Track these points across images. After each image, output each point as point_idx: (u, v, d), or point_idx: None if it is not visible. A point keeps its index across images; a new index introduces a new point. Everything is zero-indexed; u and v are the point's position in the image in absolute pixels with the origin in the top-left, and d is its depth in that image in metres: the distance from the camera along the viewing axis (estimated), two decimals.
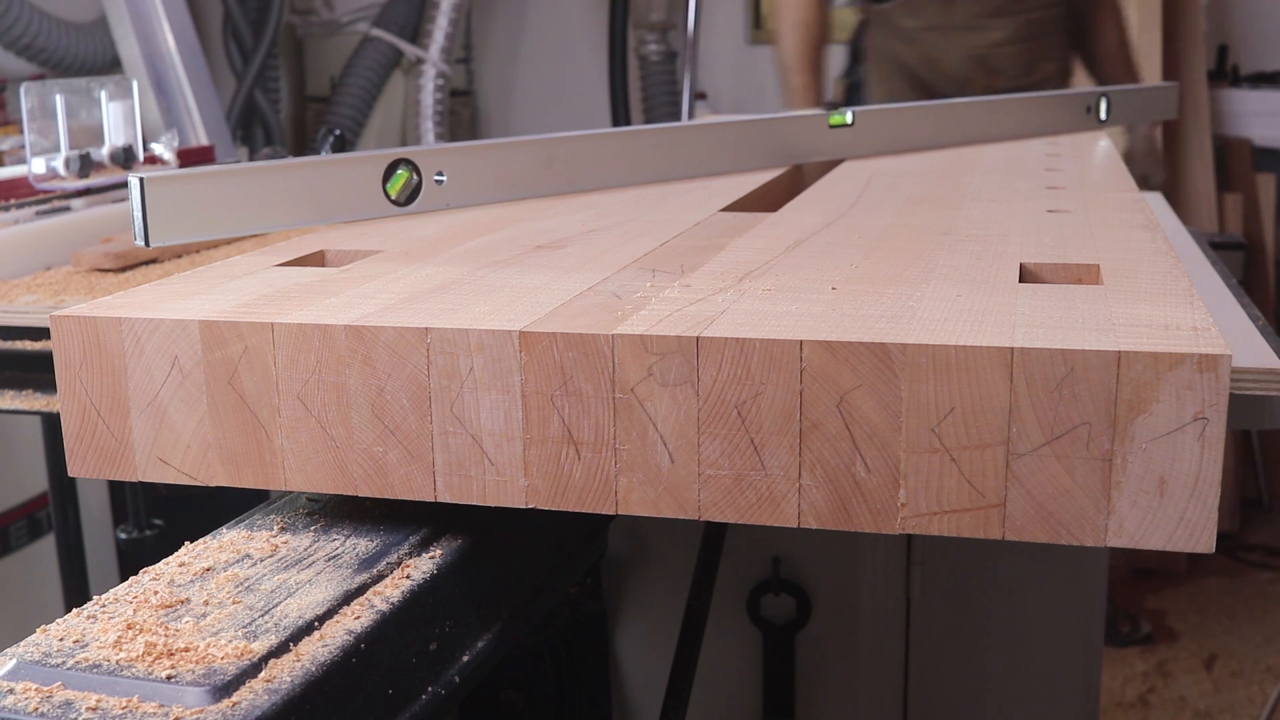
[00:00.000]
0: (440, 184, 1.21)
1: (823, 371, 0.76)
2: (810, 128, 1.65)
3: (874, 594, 1.44)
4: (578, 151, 1.38)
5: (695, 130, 1.55)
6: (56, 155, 1.64)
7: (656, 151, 1.47)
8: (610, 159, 1.41)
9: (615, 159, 1.42)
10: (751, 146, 1.57)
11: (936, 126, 1.79)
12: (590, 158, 1.39)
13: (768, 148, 1.59)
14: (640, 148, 1.46)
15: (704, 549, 1.33)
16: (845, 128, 1.68)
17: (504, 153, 1.30)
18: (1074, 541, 0.75)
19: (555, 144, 1.35)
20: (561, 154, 1.35)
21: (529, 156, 1.32)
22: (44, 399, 1.25)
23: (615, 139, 1.44)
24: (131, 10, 2.49)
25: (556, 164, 1.34)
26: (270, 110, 3.92)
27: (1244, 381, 0.92)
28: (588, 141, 1.40)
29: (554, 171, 1.34)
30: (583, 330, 0.79)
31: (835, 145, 1.67)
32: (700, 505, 0.80)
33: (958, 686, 1.48)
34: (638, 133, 1.50)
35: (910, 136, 1.76)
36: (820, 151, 1.66)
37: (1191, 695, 2.93)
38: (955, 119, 1.82)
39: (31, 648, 0.72)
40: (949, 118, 1.82)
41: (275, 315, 0.85)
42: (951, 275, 0.94)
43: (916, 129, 1.77)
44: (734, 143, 1.55)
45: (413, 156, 1.19)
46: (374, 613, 0.77)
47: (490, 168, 1.28)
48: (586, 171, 1.39)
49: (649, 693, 1.50)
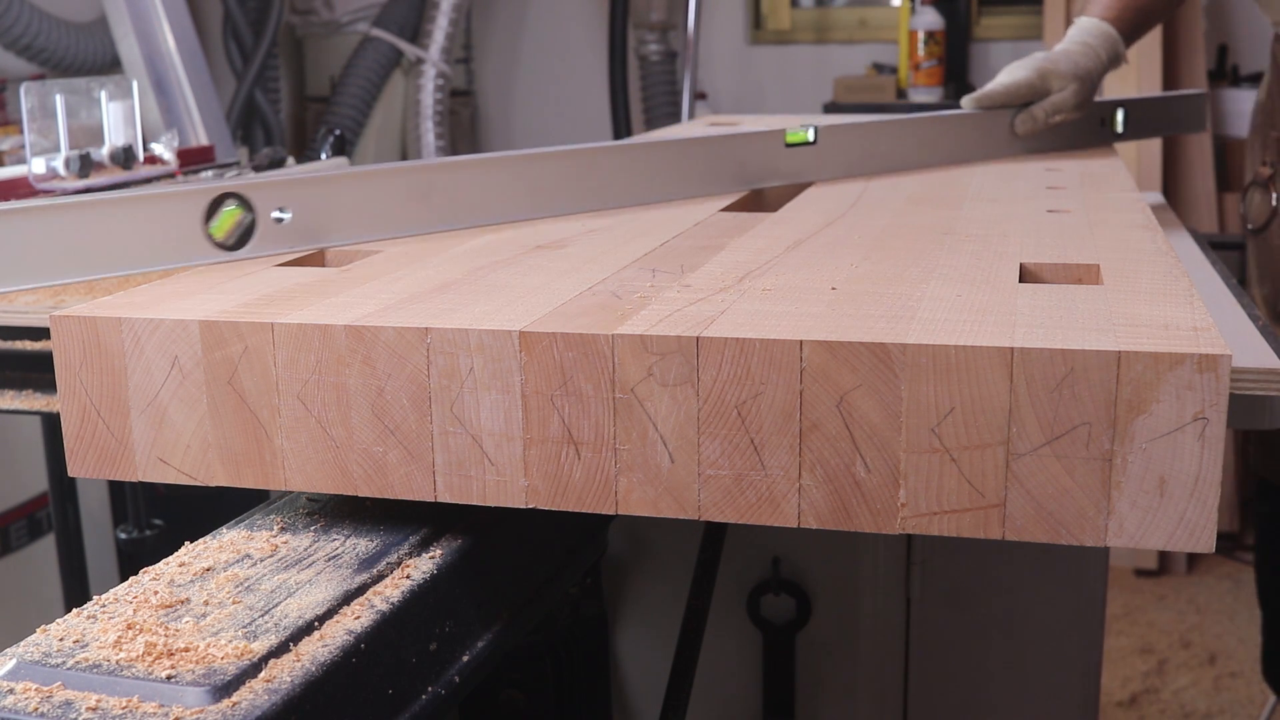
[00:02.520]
0: (281, 223, 1.07)
1: (823, 371, 0.76)
2: (764, 146, 1.44)
3: (874, 594, 1.44)
4: (463, 181, 1.19)
5: (618, 153, 1.32)
6: (56, 155, 1.64)
7: (565, 179, 1.26)
8: (503, 189, 1.22)
9: (510, 189, 1.22)
10: (690, 169, 1.36)
11: (918, 144, 1.61)
12: (478, 188, 1.20)
13: (709, 171, 1.38)
14: (545, 175, 1.25)
15: (704, 549, 1.33)
16: (806, 146, 1.48)
17: (366, 184, 1.13)
18: (1074, 541, 0.75)
19: (435, 172, 1.18)
20: (443, 184, 1.17)
21: (401, 188, 1.15)
22: (44, 399, 1.25)
23: (510, 165, 1.23)
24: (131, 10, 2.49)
25: (436, 196, 1.16)
26: (270, 110, 3.92)
27: (1244, 381, 0.92)
28: (475, 169, 1.20)
29: (432, 205, 1.16)
30: (583, 330, 0.79)
31: (795, 167, 1.47)
32: (700, 505, 0.80)
33: (958, 686, 1.48)
34: (540, 157, 1.26)
35: (888, 155, 1.57)
36: (777, 174, 1.45)
37: (1191, 695, 2.93)
38: (941, 135, 1.64)
39: (31, 648, 0.72)
40: (933, 134, 1.63)
41: (275, 315, 0.85)
42: (951, 275, 0.94)
43: (895, 147, 1.58)
44: (668, 166, 1.34)
45: (244, 191, 1.04)
46: (374, 613, 0.77)
47: (349, 202, 1.11)
48: (475, 205, 1.19)
49: (649, 693, 1.50)
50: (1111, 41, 1.73)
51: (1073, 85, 1.68)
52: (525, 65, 4.87)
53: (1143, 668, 3.05)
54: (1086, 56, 1.70)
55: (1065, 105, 1.67)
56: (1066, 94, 1.67)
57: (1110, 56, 1.73)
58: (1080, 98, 1.68)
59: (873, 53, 4.50)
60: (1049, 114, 1.67)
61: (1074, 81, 1.67)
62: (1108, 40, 1.73)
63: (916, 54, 4.14)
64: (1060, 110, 1.67)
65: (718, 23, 4.59)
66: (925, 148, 1.62)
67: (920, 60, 4.14)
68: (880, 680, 1.47)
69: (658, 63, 4.46)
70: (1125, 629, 3.25)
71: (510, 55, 4.87)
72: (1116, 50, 1.74)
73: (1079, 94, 1.68)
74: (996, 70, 1.77)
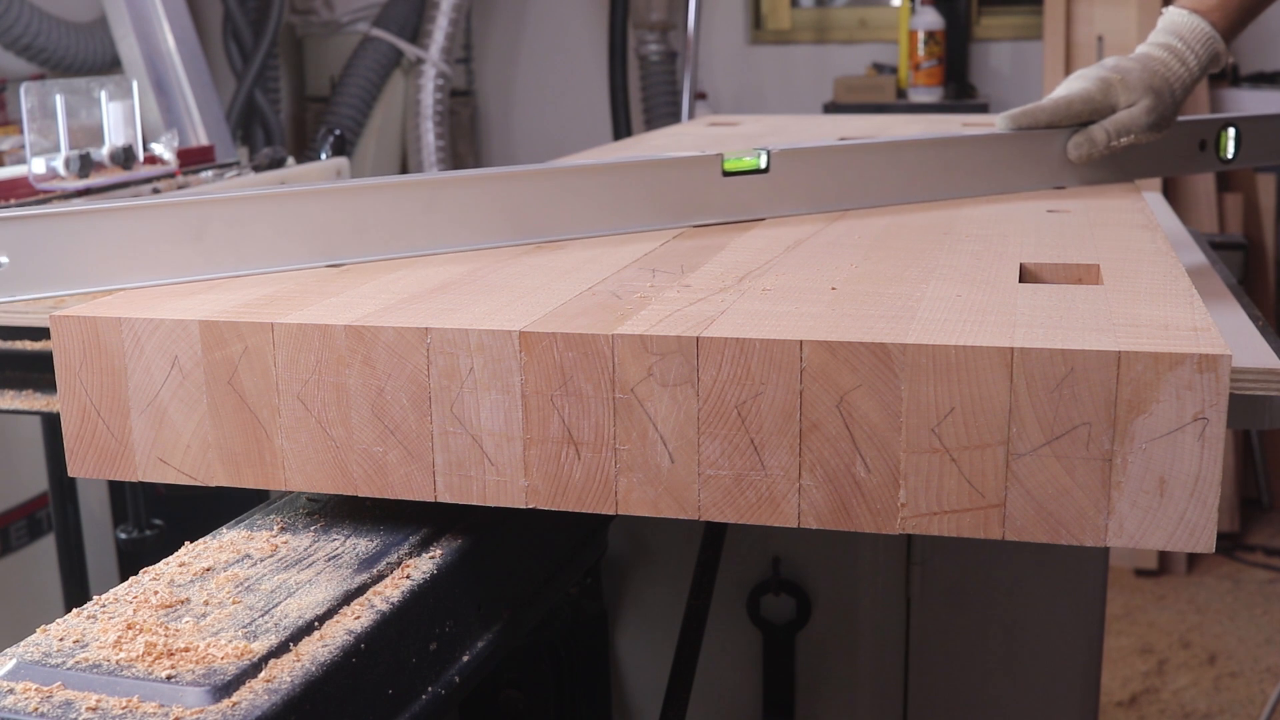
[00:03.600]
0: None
1: (823, 371, 0.76)
2: (697, 175, 1.16)
3: (874, 594, 1.44)
4: (247, 219, 0.98)
5: (471, 184, 1.07)
6: (56, 155, 1.64)
7: (408, 213, 1.04)
8: (310, 225, 1.00)
9: (325, 225, 1.00)
10: (595, 202, 1.12)
11: (916, 174, 1.29)
12: (268, 227, 0.98)
13: (621, 203, 1.13)
14: (378, 209, 1.02)
15: (704, 549, 1.33)
16: (756, 174, 1.18)
17: (119, 223, 0.95)
18: (1074, 541, 0.75)
19: (209, 208, 0.97)
20: (221, 219, 0.97)
21: (166, 227, 0.96)
22: (44, 399, 1.25)
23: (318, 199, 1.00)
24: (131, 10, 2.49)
25: (211, 239, 0.97)
26: (270, 110, 3.92)
27: (1244, 381, 0.92)
28: (263, 206, 0.98)
29: (205, 248, 0.97)
30: (583, 330, 0.79)
31: (738, 201, 1.18)
32: (700, 505, 0.80)
33: (958, 686, 1.48)
34: (367, 189, 1.03)
35: (867, 190, 1.26)
36: (714, 209, 1.17)
37: (1191, 695, 2.93)
38: (965, 161, 1.32)
39: (31, 648, 0.72)
40: (936, 160, 1.30)
41: (275, 315, 0.85)
42: (951, 275, 0.94)
43: (881, 178, 1.27)
44: (563, 198, 1.10)
45: None
46: (374, 613, 0.77)
47: (88, 242, 0.94)
48: (266, 247, 0.99)
49: (649, 693, 1.49)
50: (1206, 40, 1.37)
51: (1146, 99, 1.34)
52: (525, 65, 4.86)
53: (1143, 668, 3.05)
54: (1170, 62, 1.37)
55: (1136, 125, 1.35)
56: (1137, 110, 1.34)
57: (1205, 59, 1.38)
58: (1157, 115, 1.35)
59: (873, 53, 4.50)
60: (1113, 135, 1.35)
61: (1148, 95, 1.35)
62: (1201, 39, 1.37)
63: (916, 54, 4.14)
64: (1129, 130, 1.35)
65: (718, 23, 4.59)
66: (936, 177, 1.30)
67: (920, 60, 4.14)
68: (880, 680, 1.47)
69: (658, 63, 4.46)
70: (1125, 629, 3.25)
71: (510, 55, 4.87)
72: (1214, 50, 1.38)
73: (1154, 110, 1.35)
74: (997, 70, 1.62)
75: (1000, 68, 4.33)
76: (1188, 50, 1.37)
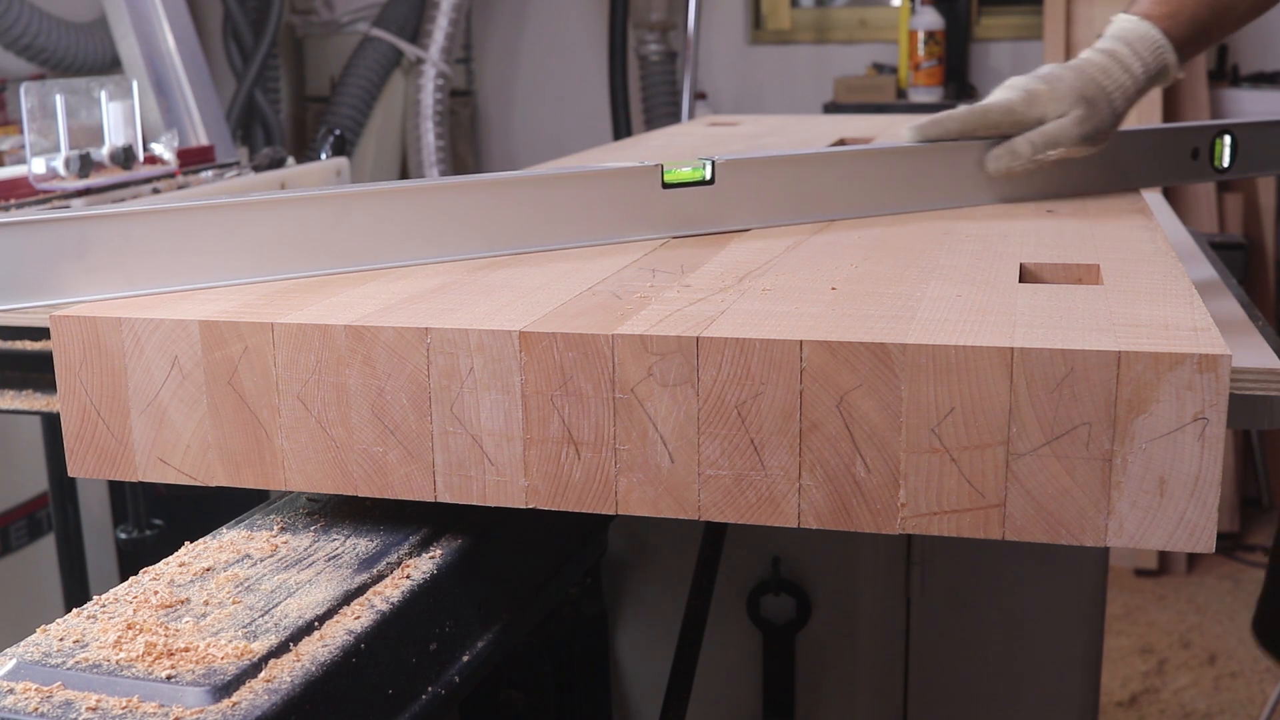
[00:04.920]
0: None
1: (823, 371, 0.76)
2: (635, 187, 1.10)
3: (874, 594, 1.44)
4: (134, 234, 0.93)
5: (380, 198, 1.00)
6: (56, 155, 1.64)
7: (288, 233, 0.97)
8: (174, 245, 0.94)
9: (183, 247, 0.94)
10: (517, 215, 1.05)
11: (880, 185, 1.23)
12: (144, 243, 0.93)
13: (551, 217, 1.06)
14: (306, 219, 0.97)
15: (704, 549, 1.33)
16: (699, 186, 1.12)
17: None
18: (1074, 541, 0.75)
19: (89, 225, 0.92)
20: (100, 238, 0.92)
21: (48, 245, 0.91)
22: (44, 399, 1.25)
23: (179, 217, 0.94)
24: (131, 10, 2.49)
25: (92, 254, 0.92)
26: (270, 110, 3.92)
27: (1244, 381, 0.92)
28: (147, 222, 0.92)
29: (87, 265, 0.92)
30: (583, 330, 0.79)
31: (680, 214, 1.11)
32: (700, 505, 0.80)
33: (958, 686, 1.48)
34: (295, 201, 0.97)
35: (829, 201, 1.20)
36: (650, 223, 1.10)
37: (1191, 695, 2.93)
38: (897, 173, 1.24)
39: (31, 648, 0.72)
40: (905, 170, 1.24)
41: (275, 315, 0.85)
42: (951, 275, 0.94)
43: (820, 189, 1.20)
44: (471, 212, 1.03)
45: None
46: (374, 613, 0.77)
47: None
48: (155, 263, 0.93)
49: (649, 693, 1.49)
50: (1154, 49, 1.27)
51: (1077, 109, 1.25)
52: (525, 65, 4.86)
53: (1143, 668, 3.05)
54: (1112, 69, 1.27)
55: (1065, 136, 1.25)
56: (1067, 121, 1.25)
57: (1153, 69, 1.28)
58: (1090, 126, 1.25)
59: (873, 53, 4.50)
60: (1039, 148, 1.25)
61: (1080, 104, 1.25)
62: (1149, 46, 1.27)
63: (916, 54, 4.14)
64: (1057, 142, 1.25)
65: (718, 23, 4.59)
66: (870, 190, 1.23)
67: (920, 60, 4.14)
68: (880, 680, 1.47)
69: (658, 63, 4.45)
70: (1125, 629, 3.25)
71: (510, 55, 4.87)
72: (1163, 61, 1.28)
73: (1087, 120, 1.25)
74: (997, 70, 1.56)
75: (1000, 68, 4.33)
76: (1134, 57, 1.28)
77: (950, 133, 1.26)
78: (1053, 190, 1.32)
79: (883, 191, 1.24)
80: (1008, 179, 1.28)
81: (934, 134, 1.26)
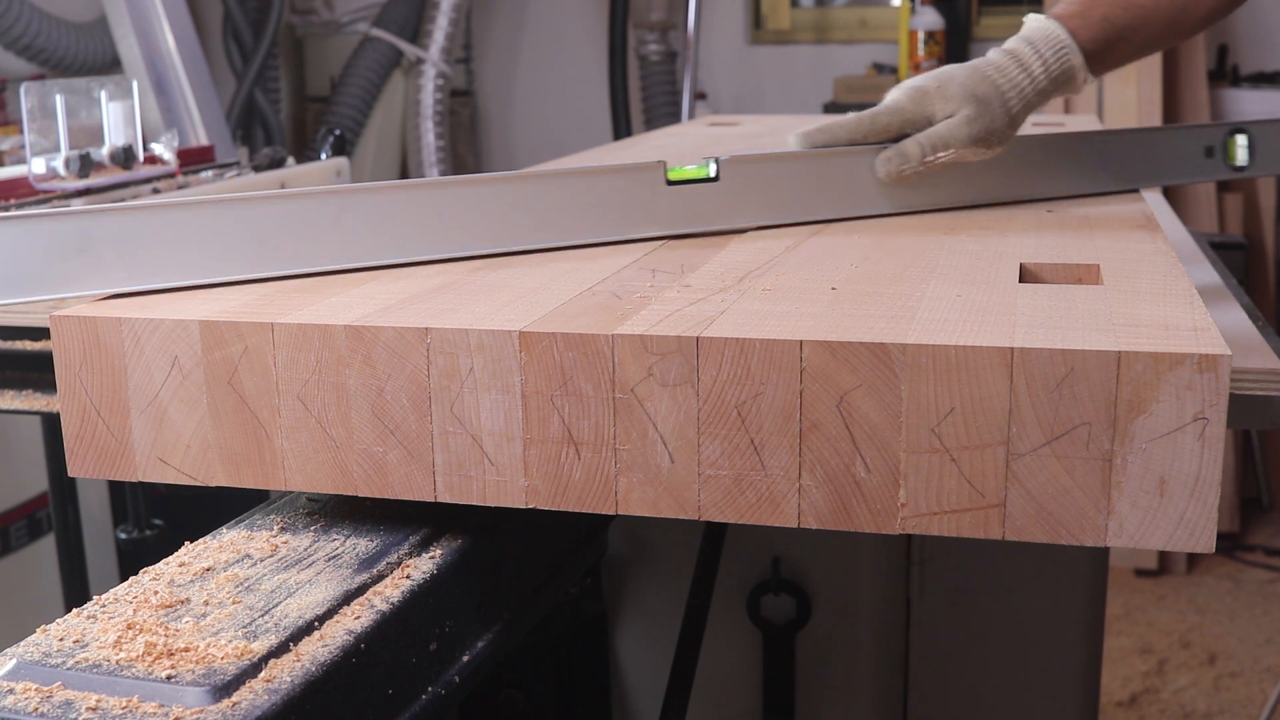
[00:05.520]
0: None
1: (823, 371, 0.76)
2: (638, 184, 1.08)
3: (874, 594, 1.44)
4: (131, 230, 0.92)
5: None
6: (56, 155, 1.64)
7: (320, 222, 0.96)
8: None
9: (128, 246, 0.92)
10: (522, 213, 1.04)
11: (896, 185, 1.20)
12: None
13: (552, 215, 1.05)
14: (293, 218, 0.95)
15: (704, 549, 1.33)
16: (704, 183, 1.11)
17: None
18: (1074, 541, 0.75)
19: (90, 220, 0.91)
20: (101, 233, 0.91)
21: None
22: (44, 399, 1.25)
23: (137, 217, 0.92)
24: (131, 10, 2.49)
25: (94, 250, 0.92)
26: (270, 110, 3.92)
27: (1244, 381, 0.92)
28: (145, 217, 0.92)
29: (90, 261, 0.92)
30: (583, 330, 0.79)
31: (684, 212, 1.10)
32: (700, 505, 0.80)
33: (958, 686, 1.48)
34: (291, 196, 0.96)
35: (847, 199, 1.18)
36: (654, 220, 1.09)
37: (1191, 695, 2.93)
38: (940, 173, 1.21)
39: (31, 648, 0.72)
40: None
41: (275, 315, 0.85)
42: (951, 275, 0.94)
43: (857, 188, 1.18)
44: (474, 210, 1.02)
45: None
46: (374, 613, 0.77)
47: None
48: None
49: (649, 693, 1.49)
50: (1058, 49, 1.21)
51: (966, 109, 1.18)
52: (525, 65, 4.87)
53: (1143, 668, 3.05)
54: (1009, 68, 1.20)
55: (954, 137, 1.18)
56: (956, 122, 1.18)
57: (1056, 71, 1.21)
58: (980, 126, 1.18)
59: (873, 53, 4.50)
60: (927, 149, 1.18)
61: (969, 103, 1.18)
62: (1052, 46, 1.21)
63: (916, 54, 4.14)
64: (946, 144, 1.18)
65: (718, 23, 4.59)
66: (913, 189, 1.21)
67: (920, 60, 4.14)
68: (880, 680, 1.47)
69: (658, 63, 4.45)
70: (1125, 629, 3.25)
71: (510, 55, 4.87)
72: (1066, 63, 1.21)
73: (976, 121, 1.18)
74: None
75: None
76: (1034, 57, 1.21)
77: (840, 139, 1.20)
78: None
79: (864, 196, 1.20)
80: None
81: (823, 140, 1.20)
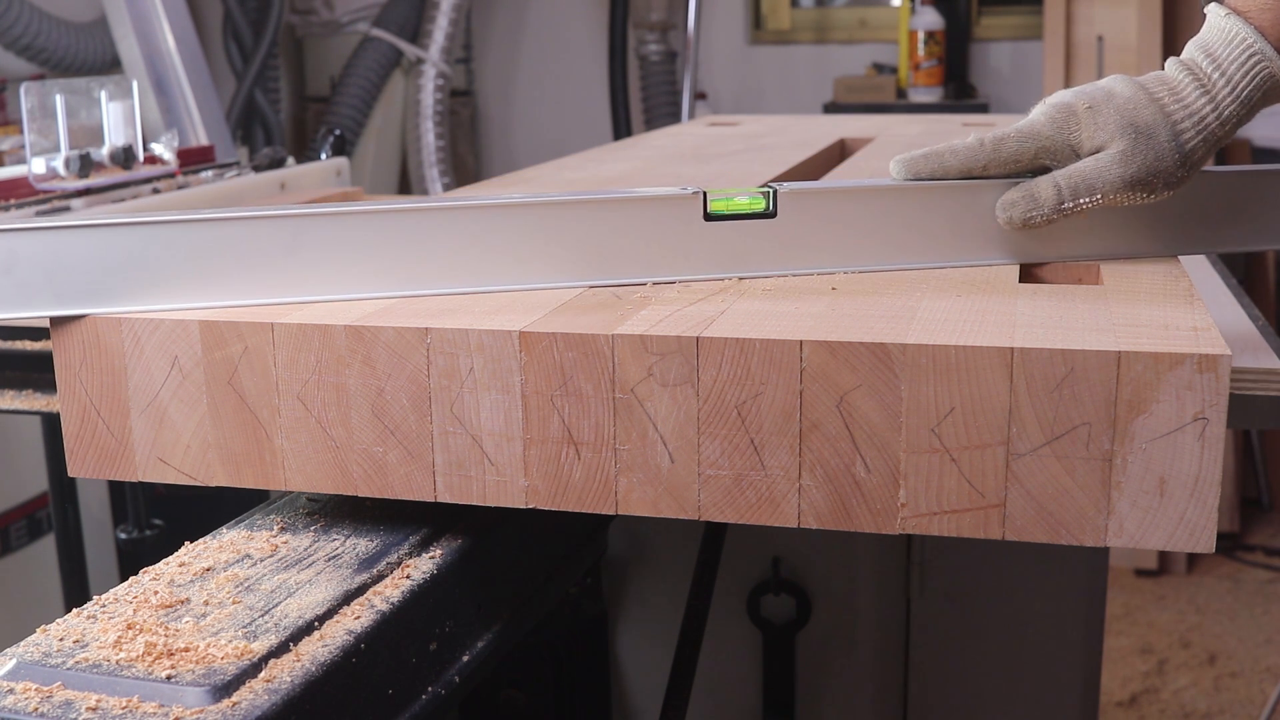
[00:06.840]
0: None
1: (823, 371, 0.76)
2: (665, 219, 0.90)
3: (874, 594, 1.44)
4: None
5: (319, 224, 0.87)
6: (56, 155, 1.64)
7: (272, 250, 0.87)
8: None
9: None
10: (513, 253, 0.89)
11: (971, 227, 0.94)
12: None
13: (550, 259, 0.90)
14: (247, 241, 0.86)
15: (704, 549, 1.33)
16: (760, 219, 0.91)
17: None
18: (1074, 541, 0.75)
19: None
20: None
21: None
22: (44, 399, 1.25)
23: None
24: (131, 10, 2.49)
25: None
26: (270, 110, 3.92)
27: (1244, 381, 0.92)
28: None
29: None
30: (583, 330, 0.79)
31: (729, 252, 0.91)
32: (700, 505, 0.80)
33: (958, 686, 1.48)
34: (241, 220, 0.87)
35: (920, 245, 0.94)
36: (688, 262, 0.91)
37: (1191, 695, 2.93)
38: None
39: (31, 648, 0.72)
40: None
41: (275, 315, 0.85)
42: (952, 275, 0.94)
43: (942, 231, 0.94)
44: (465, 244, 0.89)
45: None
46: (374, 613, 0.77)
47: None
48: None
49: (649, 693, 1.49)
50: (1246, 60, 0.89)
51: (1119, 142, 0.90)
52: (525, 65, 4.87)
53: (1143, 668, 3.05)
54: (1184, 90, 0.91)
55: (1104, 180, 0.90)
56: (1105, 158, 0.90)
57: (1245, 86, 0.89)
58: (1138, 167, 0.89)
59: (873, 53, 4.50)
60: (1066, 194, 0.90)
61: (1123, 136, 0.90)
62: (1238, 57, 0.89)
63: (916, 54, 4.14)
64: (1094, 188, 0.90)
65: (718, 23, 4.59)
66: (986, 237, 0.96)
67: (920, 60, 4.14)
68: (880, 680, 1.47)
69: (658, 63, 4.45)
70: (1125, 629, 3.25)
71: (510, 55, 4.87)
72: (1264, 72, 0.89)
73: (1132, 159, 0.89)
74: (997, 70, 1.35)
75: (1000, 68, 4.33)
76: (1216, 73, 0.90)
77: (950, 170, 0.93)
78: (1106, 250, 0.97)
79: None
80: (1023, 229, 0.93)
81: (929, 171, 0.94)
